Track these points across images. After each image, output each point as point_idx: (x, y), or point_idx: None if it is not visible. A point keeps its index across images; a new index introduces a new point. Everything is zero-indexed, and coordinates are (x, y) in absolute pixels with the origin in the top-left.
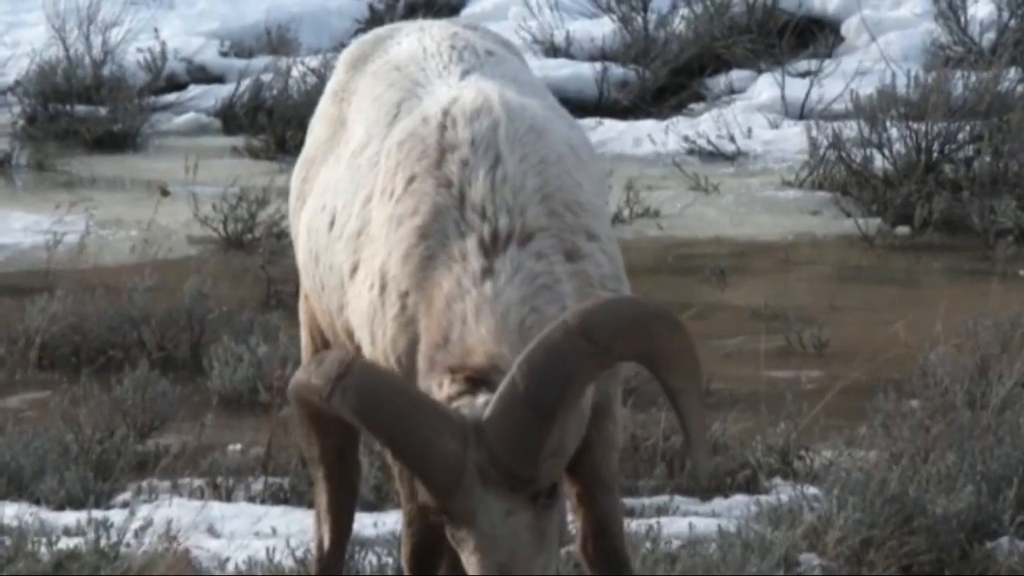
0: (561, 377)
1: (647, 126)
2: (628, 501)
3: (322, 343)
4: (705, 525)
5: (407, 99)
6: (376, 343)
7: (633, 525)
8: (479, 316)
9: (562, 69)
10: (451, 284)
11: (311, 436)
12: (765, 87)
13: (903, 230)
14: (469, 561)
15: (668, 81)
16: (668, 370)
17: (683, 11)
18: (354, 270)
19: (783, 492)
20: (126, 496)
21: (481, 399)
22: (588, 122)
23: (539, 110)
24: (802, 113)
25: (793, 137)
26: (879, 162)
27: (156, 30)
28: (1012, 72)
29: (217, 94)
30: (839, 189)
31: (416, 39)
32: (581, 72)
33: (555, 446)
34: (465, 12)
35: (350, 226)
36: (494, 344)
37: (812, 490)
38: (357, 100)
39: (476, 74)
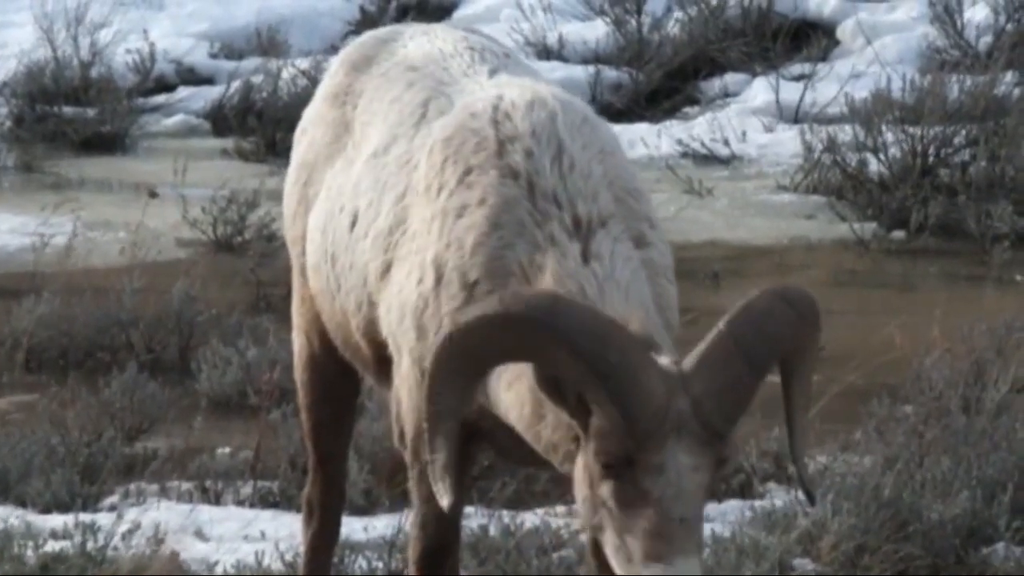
0: (775, 336)
1: (641, 129)
2: None
3: (320, 346)
4: None
5: (434, 98)
6: (427, 336)
7: None
8: (603, 293)
9: (555, 72)
10: (555, 265)
11: (460, 385)
12: (760, 90)
13: (898, 234)
14: (643, 514)
15: (662, 84)
16: (803, 377)
17: (677, 14)
18: (387, 268)
19: (777, 497)
20: (113, 499)
21: (664, 358)
22: None
23: (585, 104)
24: (797, 117)
25: (788, 141)
26: (874, 166)
27: (145, 31)
28: (1008, 76)
29: (206, 96)
30: (834, 193)
31: (427, 41)
32: (574, 75)
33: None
34: (457, 14)
35: (379, 224)
36: (643, 317)
37: None
38: (366, 102)
39: (504, 73)
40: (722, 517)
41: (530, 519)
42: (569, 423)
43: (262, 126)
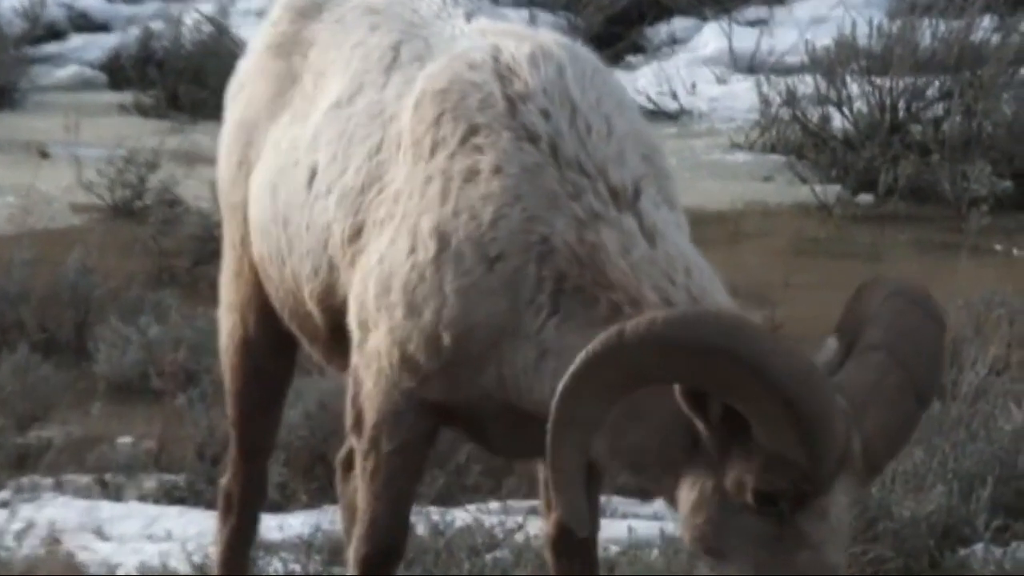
0: (941, 364)
1: None
2: None
3: (255, 325)
4: (646, 528)
5: (406, 41)
6: (420, 313)
7: None
8: (690, 274)
9: None
10: (621, 249)
11: (610, 397)
12: (711, 37)
13: (865, 198)
14: (795, 556)
15: (603, 30)
16: None
17: None
18: (358, 231)
19: None
20: (4, 494)
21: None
22: None
23: (589, 52)
24: (752, 66)
25: (742, 93)
26: (838, 122)
27: None
28: (986, 20)
29: (102, 44)
30: (794, 152)
31: None
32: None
33: None
34: None
35: (346, 182)
36: (735, 305)
37: None
38: (319, 51)
39: (482, 17)
40: (672, 514)
41: (461, 516)
42: (683, 430)
43: (163, 78)
